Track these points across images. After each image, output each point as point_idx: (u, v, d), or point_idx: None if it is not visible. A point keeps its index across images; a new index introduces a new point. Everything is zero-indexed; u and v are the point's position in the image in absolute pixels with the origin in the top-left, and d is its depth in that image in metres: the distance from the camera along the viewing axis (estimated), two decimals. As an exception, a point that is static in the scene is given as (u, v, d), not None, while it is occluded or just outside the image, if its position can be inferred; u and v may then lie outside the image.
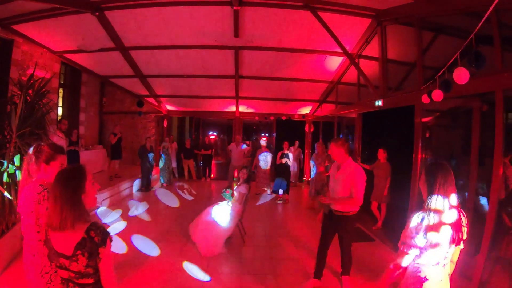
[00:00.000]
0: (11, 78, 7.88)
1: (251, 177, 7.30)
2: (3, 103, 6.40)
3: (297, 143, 14.13)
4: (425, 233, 2.51)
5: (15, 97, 6.00)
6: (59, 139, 7.83)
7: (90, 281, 2.20)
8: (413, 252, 2.60)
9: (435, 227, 2.50)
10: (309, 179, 14.07)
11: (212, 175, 15.44)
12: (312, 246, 6.84)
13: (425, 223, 2.52)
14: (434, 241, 2.51)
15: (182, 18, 8.04)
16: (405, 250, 2.62)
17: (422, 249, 2.58)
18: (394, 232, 7.21)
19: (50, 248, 2.21)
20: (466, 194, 5.76)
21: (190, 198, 11.12)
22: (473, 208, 5.52)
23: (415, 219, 2.59)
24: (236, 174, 7.25)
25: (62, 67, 11.74)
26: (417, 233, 2.55)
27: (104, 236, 2.20)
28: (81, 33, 8.83)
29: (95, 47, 9.21)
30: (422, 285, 2.59)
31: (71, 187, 2.18)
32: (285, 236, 7.56)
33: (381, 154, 8.26)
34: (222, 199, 7.28)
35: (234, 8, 7.19)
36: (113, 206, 9.49)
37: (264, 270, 5.73)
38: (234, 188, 7.24)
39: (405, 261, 2.67)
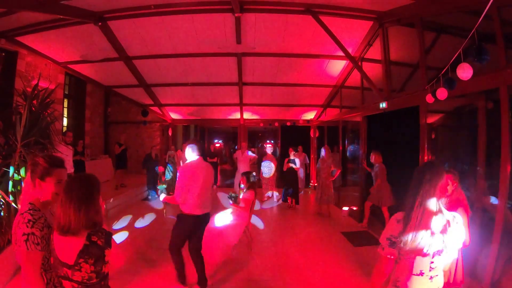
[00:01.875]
0: (16, 89, 7.93)
1: (256, 183, 7.25)
2: (8, 113, 6.43)
3: (300, 148, 13.85)
4: (403, 236, 2.30)
5: (20, 107, 6.03)
6: (65, 150, 7.85)
7: None
8: (391, 255, 2.39)
9: (415, 231, 2.28)
10: (316, 184, 14.05)
11: (217, 183, 15.38)
12: (320, 253, 6.81)
13: (404, 225, 2.32)
14: (413, 246, 2.28)
15: (184, 26, 8.07)
16: (385, 254, 2.42)
17: (401, 255, 2.37)
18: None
19: (54, 257, 2.18)
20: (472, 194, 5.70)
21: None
22: (481, 208, 5.45)
23: (394, 221, 2.42)
24: (242, 182, 7.17)
25: (66, 78, 11.88)
26: (394, 236, 2.36)
27: (108, 238, 2.20)
28: (85, 44, 8.90)
29: (98, 57, 9.27)
30: None
31: (90, 191, 2.20)
32: (292, 242, 7.51)
33: (372, 157, 8.48)
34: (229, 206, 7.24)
35: (236, 15, 7.23)
36: (119, 215, 9.48)
37: (271, 277, 5.69)
38: (240, 195, 7.20)
39: (388, 267, 2.43)
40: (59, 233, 2.13)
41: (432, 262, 2.32)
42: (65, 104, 12.23)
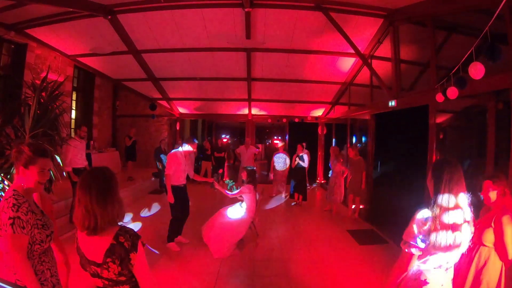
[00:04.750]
0: (25, 81, 7.97)
1: (255, 178, 7.19)
2: (16, 105, 6.45)
3: (304, 145, 13.59)
4: (429, 234, 2.38)
5: (29, 99, 6.05)
6: (78, 144, 7.89)
7: (126, 287, 2.12)
8: (415, 252, 2.46)
9: (439, 228, 2.37)
10: (322, 181, 14.02)
11: (225, 178, 15.32)
12: (325, 250, 6.80)
13: (428, 223, 2.40)
14: (438, 243, 2.37)
15: (194, 20, 8.06)
16: (407, 250, 2.50)
17: (424, 250, 2.44)
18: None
19: (81, 255, 2.12)
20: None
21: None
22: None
23: (419, 217, 2.47)
24: (243, 176, 7.18)
25: (75, 71, 11.93)
26: (419, 233, 2.43)
27: (134, 241, 2.07)
28: (94, 37, 8.93)
29: (107, 50, 9.29)
30: None
31: (112, 186, 2.13)
32: (298, 238, 7.51)
33: (350, 152, 9.49)
34: (235, 201, 7.23)
35: (246, 10, 7.22)
36: (126, 207, 9.50)
37: (275, 273, 5.68)
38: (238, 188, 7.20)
39: (410, 262, 2.52)
40: (86, 233, 2.05)
41: (450, 256, 2.45)
42: (74, 97, 12.25)
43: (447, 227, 2.38)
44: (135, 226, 7.75)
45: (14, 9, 7.08)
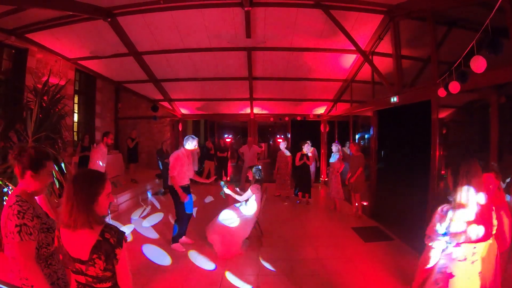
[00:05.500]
0: (27, 85, 7.98)
1: (262, 177, 7.20)
2: (18, 109, 6.47)
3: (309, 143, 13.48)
4: (449, 227, 2.46)
5: (31, 103, 6.07)
6: (102, 149, 7.90)
7: (108, 284, 2.16)
8: (438, 245, 2.54)
9: (459, 221, 2.45)
10: (326, 179, 13.97)
11: (228, 178, 15.34)
12: (330, 247, 6.79)
13: (449, 216, 2.48)
14: (459, 235, 2.45)
15: (194, 21, 8.06)
16: (430, 244, 2.58)
17: (447, 243, 2.52)
18: (413, 231, 7.09)
19: (64, 253, 2.15)
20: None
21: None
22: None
23: (439, 211, 2.55)
24: (249, 175, 7.18)
25: (76, 74, 11.93)
26: (440, 226, 2.51)
27: (120, 237, 2.15)
28: (94, 40, 8.93)
29: (108, 53, 9.29)
30: (448, 281, 2.53)
31: (85, 192, 2.12)
32: (303, 236, 7.51)
33: (352, 148, 9.48)
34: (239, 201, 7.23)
35: (245, 9, 7.20)
36: (130, 209, 9.61)
37: (282, 271, 5.68)
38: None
39: (433, 256, 2.60)
40: (72, 229, 2.10)
41: (474, 248, 2.52)
42: (76, 100, 12.27)
43: (465, 219, 2.46)
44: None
45: (14, 14, 7.09)
